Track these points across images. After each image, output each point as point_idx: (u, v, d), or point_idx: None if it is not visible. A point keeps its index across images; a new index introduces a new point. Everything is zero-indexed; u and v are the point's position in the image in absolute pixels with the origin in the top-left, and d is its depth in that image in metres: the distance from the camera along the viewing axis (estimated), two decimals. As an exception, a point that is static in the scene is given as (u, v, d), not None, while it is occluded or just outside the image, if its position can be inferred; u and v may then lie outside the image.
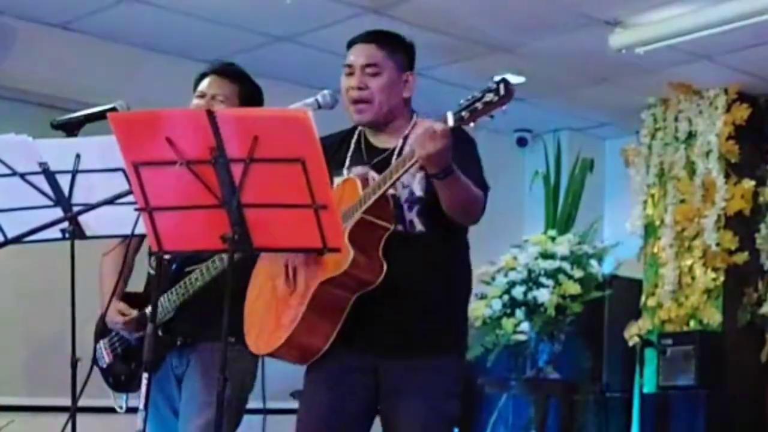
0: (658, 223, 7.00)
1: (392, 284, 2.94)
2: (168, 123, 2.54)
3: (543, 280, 6.36)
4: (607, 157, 7.97)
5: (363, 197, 2.96)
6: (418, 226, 3.06)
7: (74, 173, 2.91)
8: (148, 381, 2.78)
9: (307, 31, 6.06)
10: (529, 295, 6.36)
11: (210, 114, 2.48)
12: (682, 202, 6.87)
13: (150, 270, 3.64)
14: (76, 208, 2.93)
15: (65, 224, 2.95)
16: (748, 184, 6.71)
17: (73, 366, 2.93)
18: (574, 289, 6.33)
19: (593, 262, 6.52)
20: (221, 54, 5.82)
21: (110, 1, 5.71)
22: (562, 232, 6.72)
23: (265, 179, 2.52)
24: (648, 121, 7.12)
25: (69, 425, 2.89)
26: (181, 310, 3.44)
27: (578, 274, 6.40)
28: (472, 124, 2.78)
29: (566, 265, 6.41)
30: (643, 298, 6.96)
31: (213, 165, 2.51)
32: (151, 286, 3.60)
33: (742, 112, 6.70)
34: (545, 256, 6.48)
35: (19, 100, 5.93)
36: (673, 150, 6.98)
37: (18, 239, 2.92)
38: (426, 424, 3.03)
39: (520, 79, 6.76)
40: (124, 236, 3.14)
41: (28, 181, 2.94)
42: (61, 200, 2.95)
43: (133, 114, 2.78)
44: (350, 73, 3.13)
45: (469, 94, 2.78)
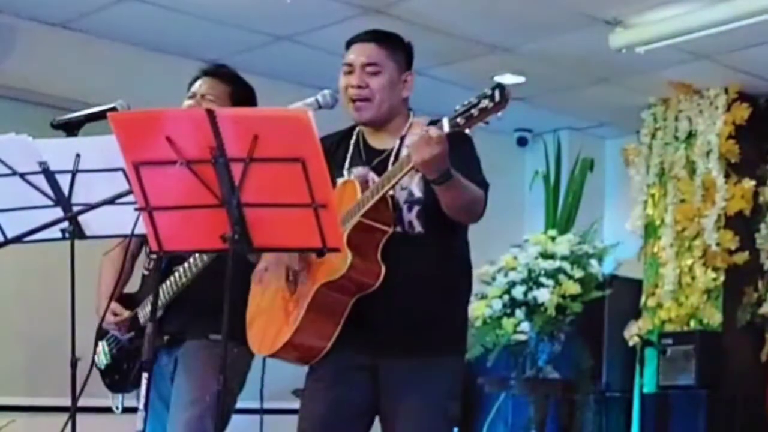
0: (658, 223, 7.00)
1: (392, 285, 2.94)
2: (168, 123, 2.54)
3: (543, 280, 6.35)
4: (607, 157, 7.97)
5: (361, 200, 2.96)
6: (418, 227, 3.06)
7: (74, 173, 2.90)
8: (148, 381, 2.77)
9: (307, 31, 6.06)
10: (529, 295, 6.36)
11: (210, 113, 2.48)
12: (682, 201, 6.87)
13: (144, 271, 3.65)
14: (76, 208, 2.93)
15: (65, 224, 2.94)
16: (748, 184, 6.71)
17: (73, 366, 2.92)
18: (574, 289, 6.32)
19: (593, 262, 6.52)
20: (221, 54, 5.82)
21: (110, 0, 5.71)
22: (562, 232, 6.72)
23: (265, 179, 2.52)
24: (648, 121, 7.13)
25: (69, 425, 2.89)
26: (169, 308, 3.45)
27: (578, 274, 6.39)
28: (467, 130, 2.78)
29: (566, 265, 6.40)
30: (643, 298, 6.96)
31: (213, 164, 2.51)
32: (146, 287, 3.61)
33: (742, 112, 6.70)
34: (545, 256, 6.47)
35: (19, 100, 5.92)
36: (673, 150, 6.98)
37: (18, 239, 2.92)
38: (426, 424, 3.03)
39: (520, 79, 6.77)
40: (124, 236, 3.14)
41: (28, 181, 2.94)
42: (61, 200, 2.95)
43: (133, 114, 2.78)
44: (349, 72, 3.12)
45: (465, 99, 2.78)
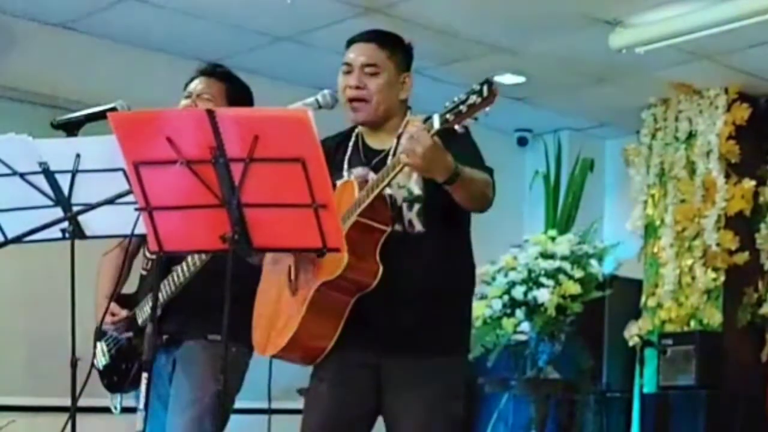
0: (658, 223, 7.00)
1: (393, 284, 2.93)
2: (168, 123, 2.54)
3: (543, 280, 6.35)
4: (607, 157, 7.97)
5: (358, 200, 2.95)
6: (418, 226, 3.05)
7: (74, 173, 2.90)
8: (148, 381, 2.77)
9: (307, 31, 6.06)
10: (529, 295, 6.36)
11: (210, 114, 2.48)
12: (683, 202, 6.87)
13: (142, 271, 3.65)
14: (76, 208, 2.93)
15: (65, 224, 2.94)
16: (748, 184, 6.71)
17: (73, 366, 2.92)
18: (574, 289, 6.33)
19: (593, 262, 6.52)
20: (221, 54, 5.81)
21: (110, 1, 5.71)
22: (562, 232, 6.72)
23: (265, 179, 2.52)
24: (648, 121, 7.12)
25: (69, 425, 2.89)
26: (167, 307, 3.45)
27: (578, 274, 6.40)
28: (457, 127, 2.78)
29: (566, 265, 6.41)
30: (643, 298, 6.96)
31: (213, 165, 2.51)
32: (144, 287, 3.61)
33: (742, 112, 6.70)
34: (545, 256, 6.48)
35: (19, 100, 5.93)
36: (674, 150, 6.98)
37: (18, 239, 2.93)
38: (429, 425, 3.02)
39: (520, 79, 6.77)
40: (124, 236, 3.14)
41: (28, 181, 2.94)
42: (61, 200, 2.95)
43: (133, 114, 2.78)
44: (348, 72, 3.12)
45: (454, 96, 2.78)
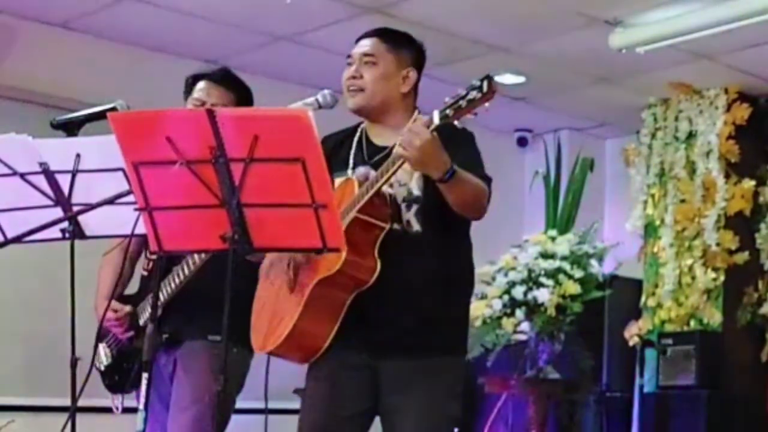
0: (658, 223, 7.00)
1: (390, 284, 2.93)
2: (168, 123, 2.54)
3: (543, 280, 6.35)
4: (607, 157, 7.97)
5: (357, 197, 2.96)
6: (416, 226, 3.05)
7: (74, 173, 2.90)
8: (148, 381, 2.77)
9: (307, 31, 6.06)
10: (529, 295, 6.35)
11: (210, 114, 2.48)
12: (682, 202, 6.87)
13: (144, 272, 3.65)
14: (76, 208, 2.93)
15: (65, 224, 2.95)
16: (748, 184, 6.71)
17: (73, 366, 2.92)
18: (574, 289, 6.32)
19: (593, 262, 6.51)
20: (221, 54, 5.82)
21: (110, 0, 5.71)
22: (562, 232, 6.72)
23: (265, 179, 2.52)
24: (648, 121, 7.13)
25: (69, 425, 2.89)
26: (168, 307, 3.46)
27: (578, 274, 6.39)
28: (456, 122, 2.79)
29: (566, 265, 6.40)
30: (643, 298, 6.97)
31: (213, 165, 2.51)
32: (145, 288, 3.61)
33: (742, 112, 6.70)
34: (545, 256, 6.47)
35: (19, 100, 5.92)
36: (674, 150, 6.98)
37: (18, 239, 2.93)
38: (426, 425, 3.02)
39: (520, 79, 6.77)
40: (124, 236, 3.14)
41: (28, 181, 2.94)
42: (61, 200, 2.95)
43: (133, 114, 2.77)
44: (350, 63, 3.16)
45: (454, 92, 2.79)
